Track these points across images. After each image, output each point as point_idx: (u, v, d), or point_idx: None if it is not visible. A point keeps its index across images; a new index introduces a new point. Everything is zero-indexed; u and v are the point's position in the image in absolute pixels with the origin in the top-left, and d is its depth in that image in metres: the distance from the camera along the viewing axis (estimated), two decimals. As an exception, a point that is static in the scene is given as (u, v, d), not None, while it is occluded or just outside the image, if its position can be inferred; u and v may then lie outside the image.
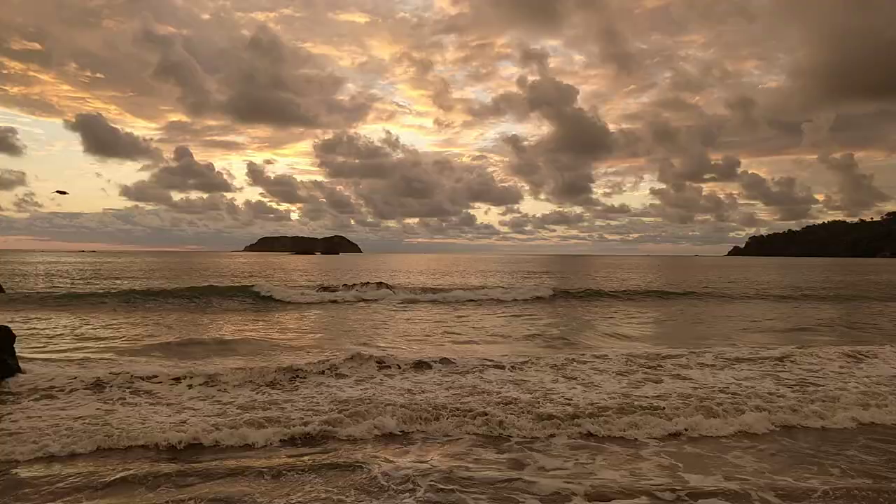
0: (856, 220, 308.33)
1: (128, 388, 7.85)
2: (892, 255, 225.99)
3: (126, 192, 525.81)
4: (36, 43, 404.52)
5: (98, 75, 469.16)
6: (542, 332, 14.92)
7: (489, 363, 9.62)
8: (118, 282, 32.27)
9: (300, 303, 22.70)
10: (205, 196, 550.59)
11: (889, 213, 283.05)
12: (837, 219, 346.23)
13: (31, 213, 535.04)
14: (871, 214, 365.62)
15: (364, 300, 23.83)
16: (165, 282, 31.80)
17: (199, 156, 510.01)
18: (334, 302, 23.25)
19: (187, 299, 22.08)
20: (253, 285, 25.35)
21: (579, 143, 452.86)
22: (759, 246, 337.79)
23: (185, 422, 6.40)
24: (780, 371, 9.43)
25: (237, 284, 27.51)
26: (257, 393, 7.78)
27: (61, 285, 29.05)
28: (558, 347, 12.48)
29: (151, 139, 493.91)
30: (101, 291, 23.80)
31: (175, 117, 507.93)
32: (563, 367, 9.39)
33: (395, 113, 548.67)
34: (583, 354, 10.43)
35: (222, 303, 21.71)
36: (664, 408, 6.99)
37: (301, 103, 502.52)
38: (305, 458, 5.50)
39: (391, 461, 5.42)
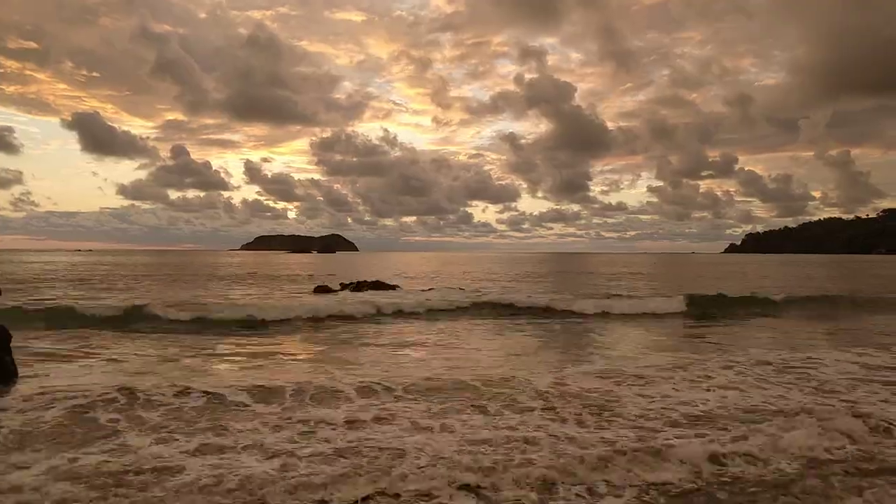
0: (852, 216, 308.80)
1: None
2: (887, 251, 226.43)
3: (123, 190, 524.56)
4: (32, 42, 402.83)
5: (94, 74, 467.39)
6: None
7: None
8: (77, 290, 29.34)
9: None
10: (202, 195, 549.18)
11: (885, 210, 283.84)
12: (834, 216, 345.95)
13: (28, 213, 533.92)
14: (867, 211, 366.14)
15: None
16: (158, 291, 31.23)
17: (196, 154, 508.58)
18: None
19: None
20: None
21: (577, 141, 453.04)
22: (756, 243, 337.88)
23: None
24: None
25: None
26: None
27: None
28: None
29: (148, 138, 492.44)
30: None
31: (171, 116, 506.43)
32: None
33: (392, 111, 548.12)
34: None
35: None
36: None
37: (298, 101, 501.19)
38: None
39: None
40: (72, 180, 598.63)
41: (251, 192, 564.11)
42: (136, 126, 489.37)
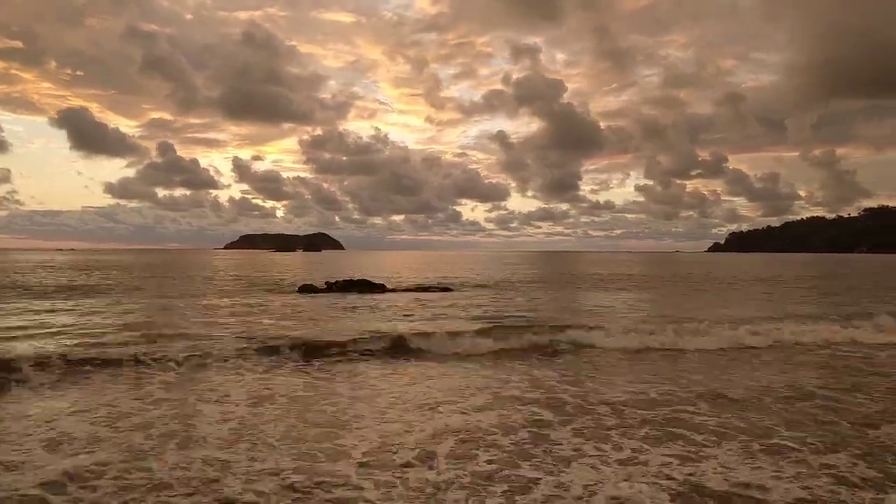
0: (835, 216, 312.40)
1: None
2: (868, 250, 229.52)
3: (109, 189, 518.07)
4: (18, 41, 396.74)
5: (79, 73, 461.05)
6: None
7: None
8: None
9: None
10: (187, 193, 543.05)
11: (866, 209, 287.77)
12: (818, 215, 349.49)
13: (11, 211, 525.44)
14: (851, 210, 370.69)
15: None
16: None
17: (181, 153, 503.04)
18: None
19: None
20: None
21: (568, 140, 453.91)
22: (739, 242, 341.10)
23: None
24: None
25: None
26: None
27: None
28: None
29: (133, 137, 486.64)
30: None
31: (156, 115, 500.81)
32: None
33: (377, 111, 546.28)
34: None
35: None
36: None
37: (285, 100, 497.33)
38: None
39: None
40: (56, 179, 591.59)
41: (237, 191, 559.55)
42: (122, 125, 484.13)
